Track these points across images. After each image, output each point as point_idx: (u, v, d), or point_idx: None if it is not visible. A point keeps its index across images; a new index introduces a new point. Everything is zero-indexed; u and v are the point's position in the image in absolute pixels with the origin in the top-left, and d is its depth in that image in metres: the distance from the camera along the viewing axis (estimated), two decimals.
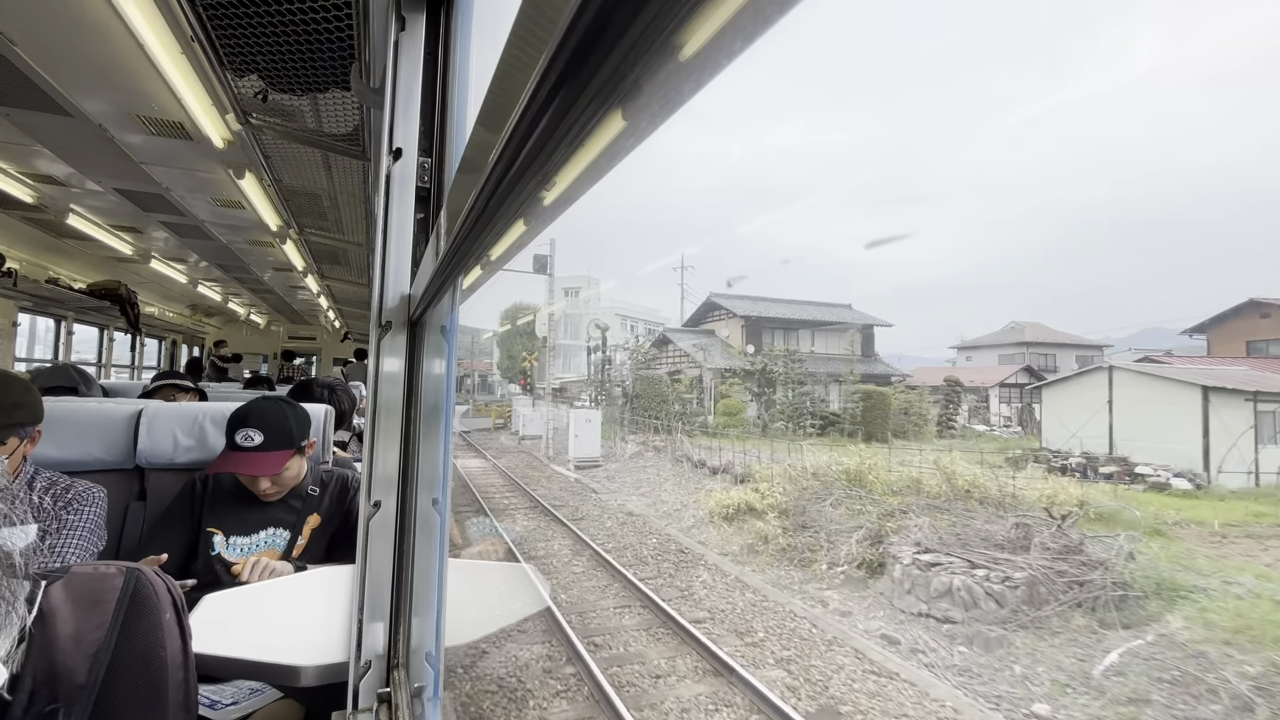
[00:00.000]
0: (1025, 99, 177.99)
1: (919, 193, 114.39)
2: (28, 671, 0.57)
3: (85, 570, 0.69)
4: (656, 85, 0.28)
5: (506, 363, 43.48)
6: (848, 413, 20.25)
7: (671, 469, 14.23)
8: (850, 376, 21.82)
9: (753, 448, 14.52)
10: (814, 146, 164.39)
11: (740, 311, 25.01)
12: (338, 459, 2.14)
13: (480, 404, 35.69)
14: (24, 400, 1.38)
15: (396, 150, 1.05)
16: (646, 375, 23.22)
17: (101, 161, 3.03)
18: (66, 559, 1.34)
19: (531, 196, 0.43)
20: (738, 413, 20.36)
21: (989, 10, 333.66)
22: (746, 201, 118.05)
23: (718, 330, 25.05)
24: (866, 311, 27.73)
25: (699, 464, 13.74)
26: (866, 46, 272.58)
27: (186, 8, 1.65)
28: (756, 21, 0.23)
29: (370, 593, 1.01)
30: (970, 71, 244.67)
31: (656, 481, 13.44)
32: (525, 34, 0.38)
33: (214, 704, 1.29)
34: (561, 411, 23.58)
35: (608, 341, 26.74)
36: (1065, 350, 28.77)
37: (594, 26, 0.25)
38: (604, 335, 26.27)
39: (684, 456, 14.61)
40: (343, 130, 2.47)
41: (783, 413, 20.14)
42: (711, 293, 26.62)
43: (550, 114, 0.32)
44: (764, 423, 20.13)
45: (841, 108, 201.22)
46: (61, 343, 6.25)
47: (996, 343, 30.78)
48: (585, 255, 42.06)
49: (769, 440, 16.25)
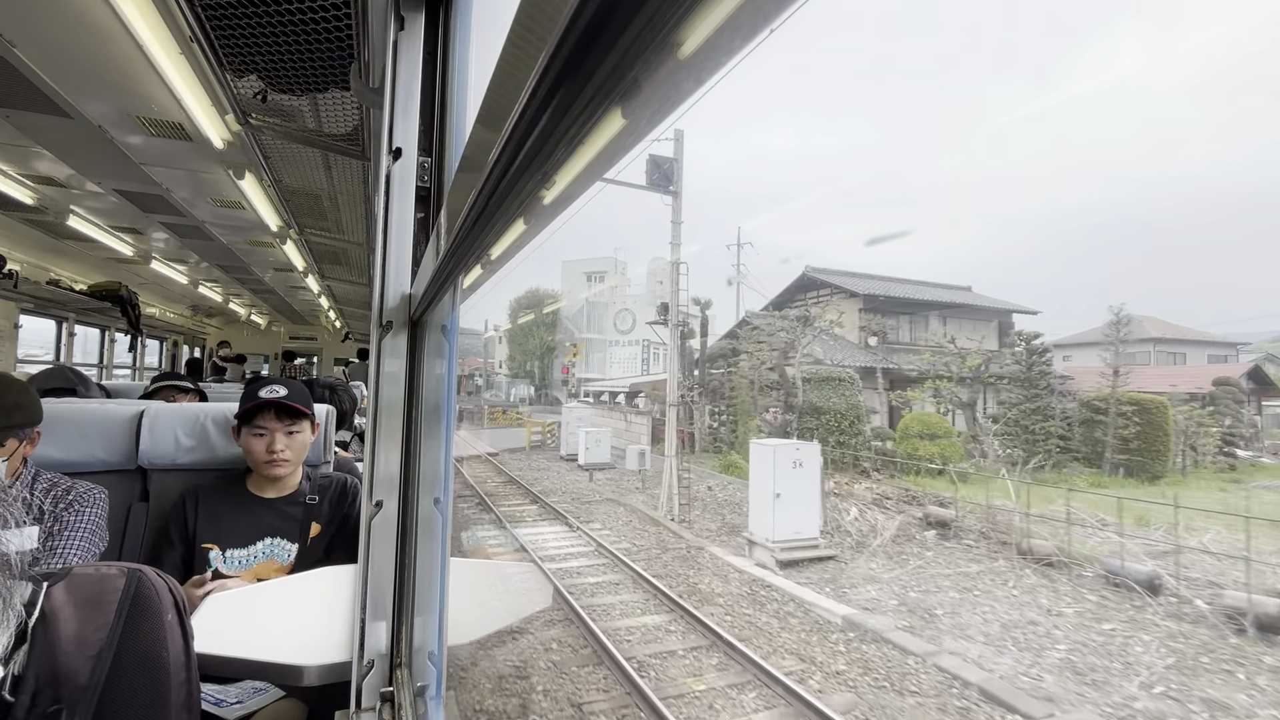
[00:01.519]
0: (1016, 104, 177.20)
1: (911, 195, 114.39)
2: (30, 673, 0.57)
3: (87, 571, 0.69)
4: (656, 83, 0.28)
5: (520, 357, 37.93)
6: (1099, 433, 13.26)
7: (1041, 590, 7.19)
8: (1037, 378, 14.28)
9: (996, 491, 9.48)
10: (807, 148, 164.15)
11: (859, 290, 17.47)
12: (339, 459, 2.14)
13: (496, 410, 28.20)
14: (21, 402, 1.38)
15: (396, 150, 1.05)
16: (823, 377, 14.93)
17: (101, 163, 3.03)
18: (68, 560, 1.34)
19: (532, 195, 0.43)
20: (942, 434, 13.54)
21: (990, 12, 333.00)
22: (746, 202, 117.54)
23: (817, 314, 16.98)
24: (988, 294, 21.05)
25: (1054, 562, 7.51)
26: (861, 49, 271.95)
27: (185, 8, 1.65)
28: (756, 19, 0.23)
29: (373, 592, 1.01)
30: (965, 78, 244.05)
31: None
32: (524, 33, 0.38)
33: (218, 702, 1.29)
34: (630, 426, 18.40)
35: (707, 325, 18.74)
36: (1196, 348, 23.72)
37: (593, 25, 0.25)
38: (704, 314, 18.43)
39: (1023, 547, 7.97)
40: (342, 130, 2.47)
41: (1022, 434, 13.46)
42: (809, 266, 19.97)
43: (550, 113, 0.32)
44: (983, 449, 13.58)
45: (836, 108, 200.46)
46: (63, 344, 6.26)
47: (1097, 340, 25.60)
48: (583, 257, 41.53)
49: (1006, 478, 10.54)
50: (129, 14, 1.70)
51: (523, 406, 30.32)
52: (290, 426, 1.67)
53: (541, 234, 0.66)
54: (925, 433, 13.59)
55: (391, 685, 1.01)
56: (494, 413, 27.25)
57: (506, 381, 39.80)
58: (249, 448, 1.64)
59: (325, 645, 1.04)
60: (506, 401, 34.65)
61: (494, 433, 22.67)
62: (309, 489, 1.73)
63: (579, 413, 18.47)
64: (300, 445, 1.70)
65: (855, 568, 8.02)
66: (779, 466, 8.20)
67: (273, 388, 1.66)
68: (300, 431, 1.70)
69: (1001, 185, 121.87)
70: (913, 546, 8.84)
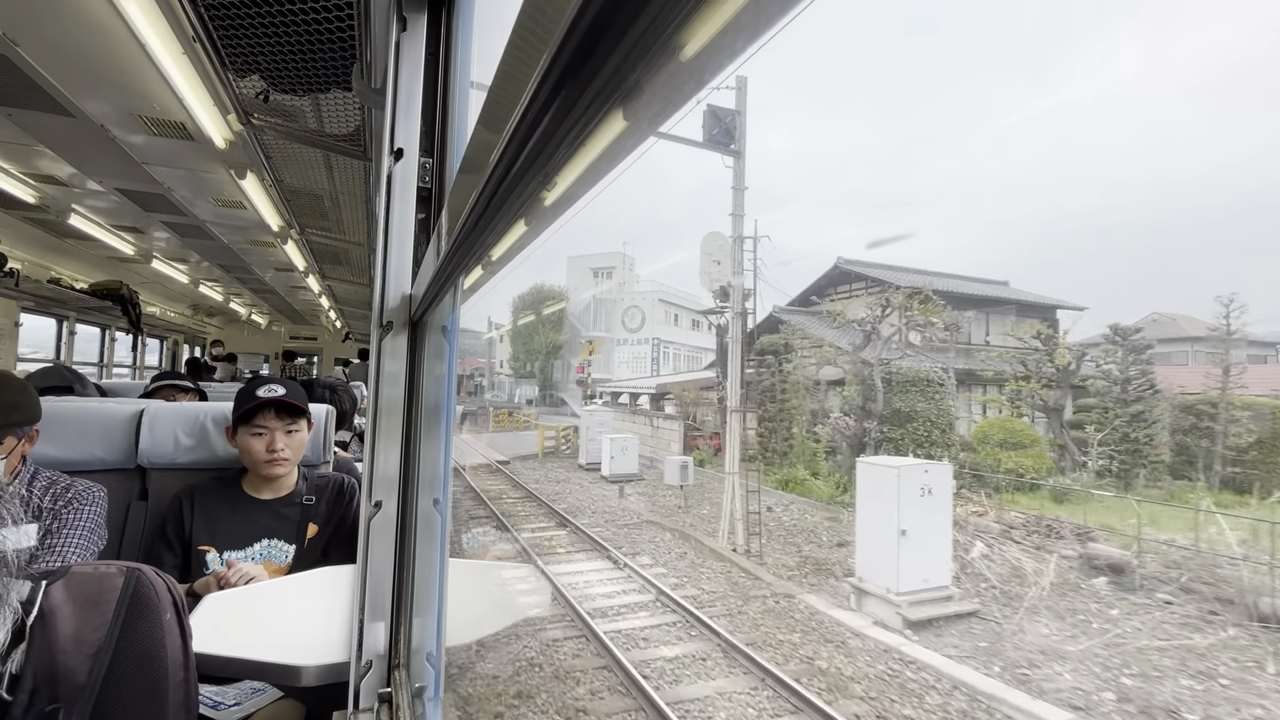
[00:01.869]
0: (1014, 106, 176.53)
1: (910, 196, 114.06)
2: (28, 671, 0.57)
3: (86, 570, 0.69)
4: (658, 85, 0.28)
5: (524, 356, 35.92)
6: (1205, 441, 11.36)
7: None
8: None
9: (1160, 518, 7.78)
10: (806, 149, 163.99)
11: (900, 284, 15.19)
12: (338, 459, 2.14)
13: (502, 412, 26.59)
14: (20, 400, 1.38)
15: (398, 150, 1.05)
16: (910, 378, 12.96)
17: (103, 162, 3.03)
18: (67, 558, 1.34)
19: (533, 197, 0.43)
20: (1028, 443, 11.72)
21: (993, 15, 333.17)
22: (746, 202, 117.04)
23: (848, 310, 14.72)
24: (1027, 289, 18.79)
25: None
26: (860, 52, 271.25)
27: (188, 8, 1.66)
28: (758, 21, 0.23)
29: (371, 593, 1.01)
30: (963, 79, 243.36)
31: None
32: (526, 34, 0.38)
33: (215, 704, 1.29)
34: (657, 433, 16.22)
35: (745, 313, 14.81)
36: (1237, 347, 23.09)
37: (595, 26, 0.25)
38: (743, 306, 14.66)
39: (1260, 608, 5.99)
40: (344, 130, 2.47)
41: (1124, 443, 11.37)
42: (840, 258, 18.19)
43: (551, 114, 0.32)
44: (1073, 459, 11.74)
45: (834, 111, 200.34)
46: (63, 343, 6.26)
47: (1178, 336, 21.60)
48: (589, 252, 41.33)
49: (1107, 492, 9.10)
50: (131, 13, 1.70)
51: (527, 408, 29.46)
52: (289, 425, 1.68)
53: (543, 235, 0.66)
54: (1008, 441, 11.66)
55: (389, 686, 1.01)
56: (500, 415, 25.67)
57: (510, 381, 38.47)
58: (248, 448, 1.64)
59: (323, 645, 1.03)
60: (511, 402, 34.15)
61: (502, 437, 20.86)
62: (305, 489, 1.73)
63: (600, 416, 16.47)
64: (298, 444, 1.71)
65: (1018, 632, 5.98)
66: (904, 494, 6.29)
67: (270, 387, 1.67)
68: (299, 430, 1.71)
69: (1000, 186, 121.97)
70: (1083, 600, 6.68)
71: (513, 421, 24.85)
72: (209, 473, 1.76)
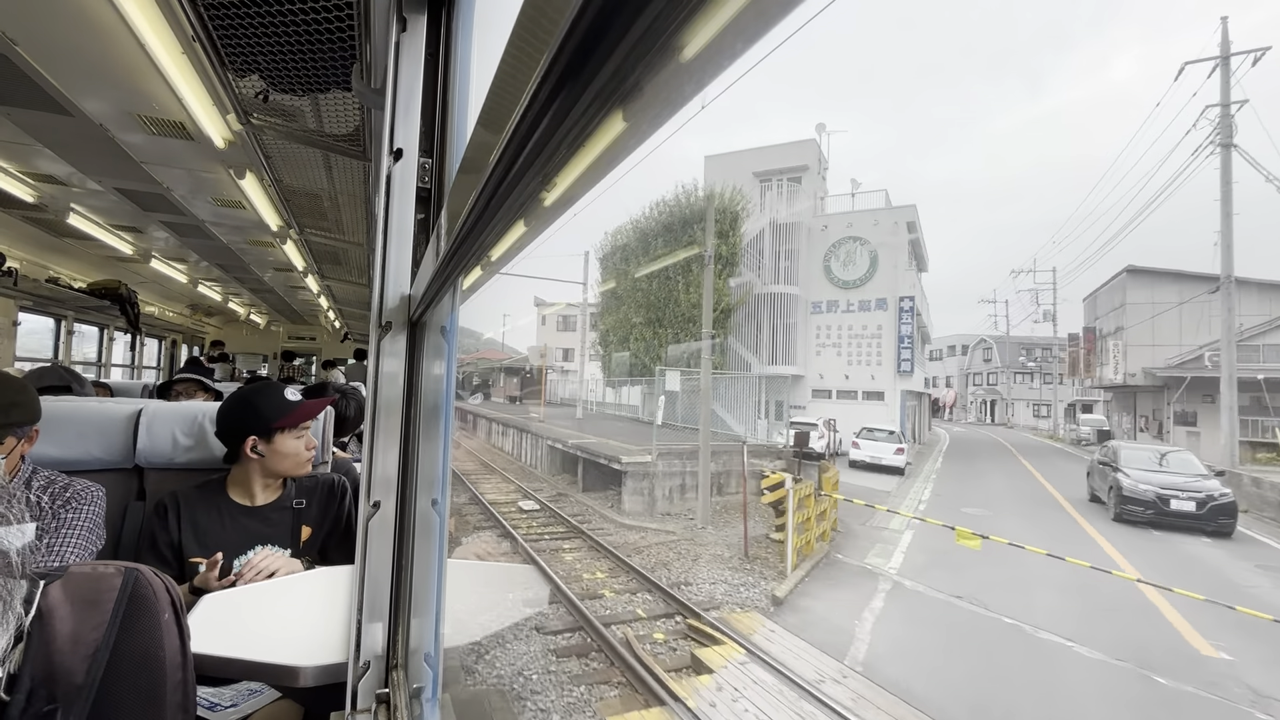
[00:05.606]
0: (1011, 109, 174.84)
1: (909, 197, 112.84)
2: (26, 671, 0.57)
3: (84, 570, 0.69)
4: (657, 87, 0.28)
5: (645, 340, 20.12)
6: None
7: None
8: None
9: None
10: None
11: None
12: (337, 459, 2.14)
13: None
14: (19, 399, 1.37)
15: (397, 151, 1.05)
16: None
17: (102, 161, 3.03)
18: (65, 558, 1.33)
19: (532, 197, 0.43)
20: None
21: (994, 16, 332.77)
22: None
23: None
24: None
25: None
26: (859, 55, 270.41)
27: (188, 8, 1.66)
28: (758, 23, 0.23)
29: (369, 593, 1.01)
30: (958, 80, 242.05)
31: None
32: (526, 35, 0.38)
33: (213, 705, 1.28)
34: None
35: None
36: None
37: (595, 28, 0.25)
38: None
39: None
40: (343, 131, 2.47)
41: None
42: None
43: (551, 115, 0.32)
44: None
45: (833, 112, 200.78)
46: (61, 342, 6.25)
47: None
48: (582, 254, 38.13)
49: None
50: (131, 13, 1.70)
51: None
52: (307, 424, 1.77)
53: (543, 235, 0.66)
54: None
55: (387, 687, 1.01)
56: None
57: (599, 383, 22.70)
58: (288, 450, 1.66)
59: (321, 646, 1.03)
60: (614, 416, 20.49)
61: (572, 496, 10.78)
62: (295, 493, 1.71)
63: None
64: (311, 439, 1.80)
65: None
66: None
67: (293, 389, 1.77)
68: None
69: (999, 187, 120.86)
70: None
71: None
72: (207, 473, 1.75)
